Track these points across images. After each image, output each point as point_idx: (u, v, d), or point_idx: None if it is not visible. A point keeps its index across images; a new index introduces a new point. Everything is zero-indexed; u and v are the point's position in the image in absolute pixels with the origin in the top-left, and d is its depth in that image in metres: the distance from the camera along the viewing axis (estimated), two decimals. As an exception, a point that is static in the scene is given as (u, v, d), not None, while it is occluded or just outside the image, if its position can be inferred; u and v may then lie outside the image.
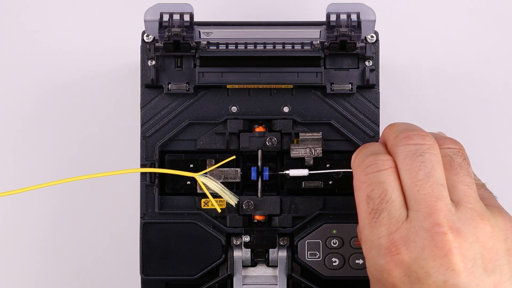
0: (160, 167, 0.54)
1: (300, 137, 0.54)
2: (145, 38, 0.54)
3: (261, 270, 0.55)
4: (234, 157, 0.54)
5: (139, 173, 0.55)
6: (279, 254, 0.54)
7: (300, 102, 0.55)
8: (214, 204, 0.54)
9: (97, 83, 0.62)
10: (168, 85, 0.54)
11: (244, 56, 0.53)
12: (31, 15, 0.63)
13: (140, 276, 0.54)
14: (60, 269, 0.62)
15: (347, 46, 0.53)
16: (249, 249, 0.54)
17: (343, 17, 0.53)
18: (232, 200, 0.53)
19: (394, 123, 0.49)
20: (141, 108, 0.55)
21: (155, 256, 0.54)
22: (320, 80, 0.54)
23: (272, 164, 0.55)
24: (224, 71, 0.53)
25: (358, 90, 0.55)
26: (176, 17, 0.53)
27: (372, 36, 0.54)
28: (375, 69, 0.54)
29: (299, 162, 0.54)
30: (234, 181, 0.54)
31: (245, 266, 0.55)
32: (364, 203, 0.47)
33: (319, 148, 0.54)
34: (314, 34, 0.54)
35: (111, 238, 0.62)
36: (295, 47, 0.54)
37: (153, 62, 0.54)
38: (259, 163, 0.54)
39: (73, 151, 0.62)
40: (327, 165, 0.54)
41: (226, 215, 0.54)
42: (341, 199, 0.54)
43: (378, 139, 0.53)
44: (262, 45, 0.54)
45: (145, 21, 0.53)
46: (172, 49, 0.53)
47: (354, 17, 0.53)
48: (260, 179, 0.54)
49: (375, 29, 0.54)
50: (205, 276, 0.54)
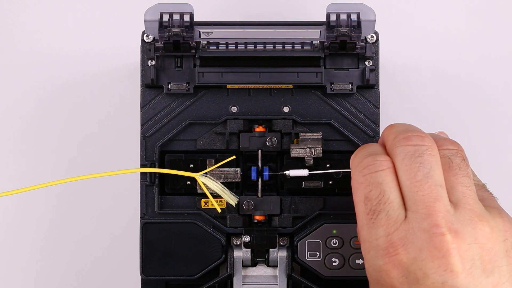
0: (160, 167, 0.54)
1: (300, 137, 0.54)
2: (145, 38, 0.54)
3: (261, 270, 0.55)
4: (234, 157, 0.54)
5: (139, 173, 0.54)
6: (279, 254, 0.54)
7: (300, 102, 0.55)
8: (214, 204, 0.54)
9: (97, 83, 0.62)
10: (168, 85, 0.54)
11: (244, 56, 0.53)
12: (31, 15, 0.63)
13: (140, 276, 0.54)
14: (60, 269, 0.62)
15: (347, 46, 0.53)
16: (249, 249, 0.54)
17: (343, 17, 0.53)
18: (232, 200, 0.53)
19: (393, 124, 0.49)
20: (141, 108, 0.55)
21: (155, 256, 0.54)
22: (320, 80, 0.54)
23: (272, 164, 0.55)
24: (224, 71, 0.53)
25: (358, 90, 0.55)
26: (176, 17, 0.53)
27: (372, 36, 0.54)
28: (375, 69, 0.54)
29: (299, 162, 0.54)
30: (234, 181, 0.54)
31: (245, 266, 0.55)
32: (362, 204, 0.47)
33: (319, 148, 0.54)
34: (314, 34, 0.54)
35: (111, 238, 0.62)
36: (295, 47, 0.54)
37: (153, 62, 0.54)
38: (259, 163, 0.54)
39: (73, 151, 0.62)
40: (327, 165, 0.54)
41: (226, 215, 0.54)
42: (341, 199, 0.54)
43: (378, 140, 0.53)
44: (262, 45, 0.54)
45: (145, 21, 0.53)
46: (172, 49, 0.53)
47: (354, 17, 0.53)
48: (260, 179, 0.54)
49: (375, 29, 0.54)
50: (205, 276, 0.54)
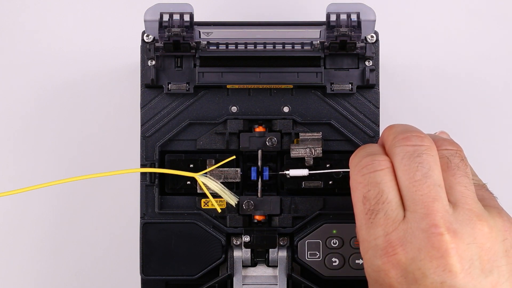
0: (160, 167, 0.54)
1: (300, 137, 0.54)
2: (145, 38, 0.54)
3: (261, 270, 0.55)
4: (234, 157, 0.54)
5: (139, 173, 0.54)
6: (279, 254, 0.54)
7: (300, 102, 0.55)
8: (214, 204, 0.54)
9: (97, 83, 0.62)
10: (168, 85, 0.54)
11: (244, 56, 0.53)
12: (31, 15, 0.63)
13: (140, 276, 0.54)
14: (60, 269, 0.62)
15: (347, 46, 0.53)
16: (249, 249, 0.54)
17: (343, 17, 0.53)
18: (232, 200, 0.53)
19: (393, 125, 0.49)
20: (141, 108, 0.55)
21: (155, 256, 0.54)
22: (320, 80, 0.54)
23: (272, 164, 0.55)
24: (224, 71, 0.53)
25: (358, 90, 0.55)
26: (176, 17, 0.53)
27: (372, 36, 0.54)
28: (375, 69, 0.54)
29: (299, 162, 0.54)
30: (234, 181, 0.54)
31: (245, 266, 0.55)
32: (361, 204, 0.47)
33: (319, 148, 0.54)
34: (314, 34, 0.54)
35: (111, 238, 0.62)
36: (295, 47, 0.54)
37: (153, 62, 0.54)
38: (259, 163, 0.54)
39: (73, 151, 0.62)
40: (327, 165, 0.54)
41: (226, 215, 0.54)
42: (341, 199, 0.54)
43: (378, 139, 0.53)
44: (262, 45, 0.54)
45: (145, 21, 0.53)
46: (172, 49, 0.53)
47: (354, 17, 0.53)
48: (260, 179, 0.54)
49: (375, 29, 0.54)
50: (205, 276, 0.54)
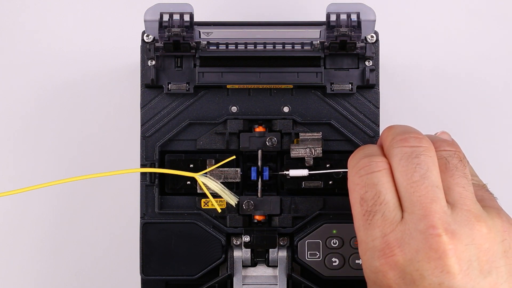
0: (160, 167, 0.54)
1: (300, 137, 0.54)
2: (145, 38, 0.54)
3: (261, 270, 0.55)
4: (234, 157, 0.54)
5: (139, 173, 0.54)
6: (279, 254, 0.54)
7: (300, 102, 0.55)
8: (214, 204, 0.54)
9: (97, 83, 0.62)
10: (168, 85, 0.54)
11: (244, 56, 0.53)
12: (31, 15, 0.63)
13: (140, 276, 0.54)
14: (60, 269, 0.62)
15: (347, 46, 0.53)
16: (249, 249, 0.54)
17: (343, 17, 0.53)
18: (232, 200, 0.53)
19: (392, 126, 0.49)
20: (141, 108, 0.55)
21: (155, 256, 0.54)
22: (320, 80, 0.54)
23: (272, 164, 0.55)
24: (224, 71, 0.53)
25: (358, 90, 0.55)
26: (176, 17, 0.53)
27: (372, 36, 0.54)
28: (375, 69, 0.54)
29: (299, 162, 0.54)
30: (234, 181, 0.54)
31: (245, 266, 0.55)
32: (358, 205, 0.47)
33: (319, 148, 0.54)
34: (314, 34, 0.54)
35: (111, 238, 0.62)
36: (295, 47, 0.54)
37: (153, 62, 0.54)
38: (259, 163, 0.54)
39: (73, 151, 0.62)
40: (327, 165, 0.54)
41: (226, 215, 0.54)
42: (341, 199, 0.54)
43: (377, 140, 0.53)
44: (262, 45, 0.54)
45: (145, 21, 0.53)
46: (172, 49, 0.53)
47: (354, 17, 0.53)
48: (260, 179, 0.54)
49: (375, 29, 0.54)
50: (205, 276, 0.54)
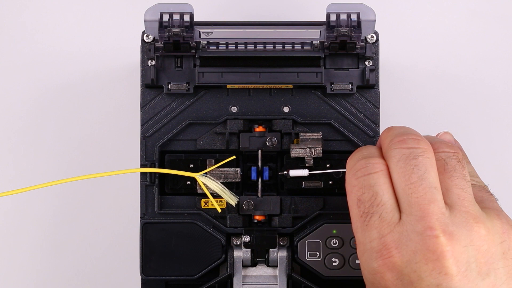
0: (160, 167, 0.54)
1: (300, 137, 0.54)
2: (145, 38, 0.54)
3: (261, 270, 0.55)
4: (234, 157, 0.54)
5: (139, 173, 0.54)
6: (279, 254, 0.54)
7: (300, 102, 0.55)
8: (214, 204, 0.54)
9: (97, 83, 0.62)
10: (168, 85, 0.54)
11: (244, 56, 0.53)
12: (31, 15, 0.63)
13: (140, 276, 0.54)
14: (60, 269, 0.62)
15: (347, 46, 0.53)
16: (249, 249, 0.54)
17: (343, 17, 0.53)
18: (232, 200, 0.53)
19: (391, 127, 0.49)
20: (141, 108, 0.55)
21: (155, 256, 0.54)
22: (320, 80, 0.54)
23: (272, 164, 0.55)
24: (224, 71, 0.53)
25: (358, 90, 0.55)
26: (176, 17, 0.53)
27: (372, 36, 0.54)
28: (375, 69, 0.54)
29: (299, 162, 0.54)
30: (234, 181, 0.54)
31: (245, 266, 0.55)
32: (355, 207, 0.47)
33: (319, 148, 0.54)
34: (314, 34, 0.54)
35: (111, 238, 0.62)
36: (295, 47, 0.54)
37: (153, 62, 0.54)
38: (259, 163, 0.54)
39: (73, 151, 0.62)
40: (327, 165, 0.54)
41: (226, 215, 0.54)
42: (341, 199, 0.54)
43: (377, 141, 0.53)
44: (262, 45, 0.54)
45: (145, 21, 0.53)
46: (172, 49, 0.53)
47: (354, 17, 0.53)
48: (260, 179, 0.54)
49: (375, 29, 0.54)
50: (205, 276, 0.54)
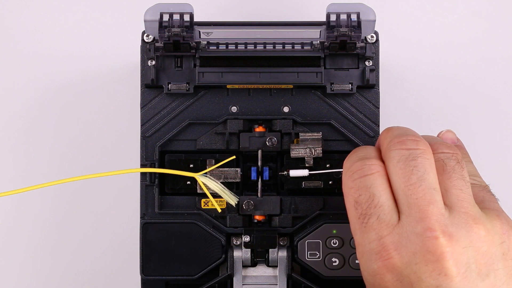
0: (160, 167, 0.54)
1: (300, 137, 0.54)
2: (145, 38, 0.54)
3: (261, 270, 0.55)
4: (234, 157, 0.54)
5: (139, 173, 0.54)
6: (279, 254, 0.54)
7: (300, 102, 0.55)
8: (214, 204, 0.54)
9: (97, 83, 0.62)
10: (168, 85, 0.54)
11: (244, 56, 0.53)
12: (31, 15, 0.63)
13: (140, 276, 0.54)
14: (60, 269, 0.62)
15: (347, 46, 0.53)
16: (249, 249, 0.54)
17: (343, 17, 0.53)
18: (232, 200, 0.53)
19: (390, 128, 0.49)
20: (141, 108, 0.55)
21: (155, 256, 0.54)
22: (320, 80, 0.54)
23: (272, 164, 0.55)
24: (224, 71, 0.53)
25: (358, 90, 0.55)
26: (176, 17, 0.53)
27: (372, 36, 0.54)
28: (375, 69, 0.54)
29: (299, 162, 0.54)
30: (234, 181, 0.54)
31: (245, 266, 0.55)
32: (353, 209, 0.47)
33: (319, 148, 0.54)
34: (314, 34, 0.54)
35: (111, 238, 0.62)
36: (295, 47, 0.54)
37: (153, 62, 0.54)
38: (259, 163, 0.54)
39: (73, 151, 0.62)
40: (327, 165, 0.54)
41: (226, 215, 0.54)
42: (341, 199, 0.53)
43: (376, 141, 0.53)
44: (262, 45, 0.54)
45: (145, 21, 0.53)
46: (172, 49, 0.53)
47: (354, 17, 0.53)
48: (260, 179, 0.54)
49: (375, 29, 0.54)
50: (205, 276, 0.54)
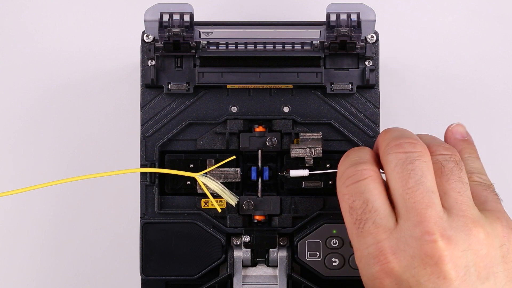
0: (160, 167, 0.54)
1: (300, 137, 0.54)
2: (145, 38, 0.54)
3: (261, 270, 0.55)
4: (234, 157, 0.54)
5: (139, 173, 0.55)
6: (279, 254, 0.54)
7: (300, 102, 0.55)
8: (214, 204, 0.54)
9: (97, 83, 0.62)
10: (168, 85, 0.54)
11: (244, 56, 0.53)
12: (31, 15, 0.63)
13: (140, 276, 0.54)
14: (60, 269, 0.62)
15: (347, 46, 0.53)
16: (249, 249, 0.54)
17: (343, 17, 0.53)
18: (232, 200, 0.53)
19: (388, 130, 0.49)
20: (141, 108, 0.55)
21: (155, 256, 0.54)
22: (320, 80, 0.54)
23: (272, 164, 0.55)
24: (224, 71, 0.53)
25: (358, 90, 0.55)
26: (176, 17, 0.53)
27: (372, 36, 0.54)
28: (375, 69, 0.54)
29: (299, 162, 0.54)
30: (234, 181, 0.54)
31: (245, 266, 0.55)
32: (348, 214, 0.47)
33: (319, 148, 0.54)
34: (314, 34, 0.54)
35: (111, 238, 0.62)
36: (295, 47, 0.54)
37: (153, 62, 0.54)
38: (259, 163, 0.54)
39: (73, 151, 0.62)
40: (327, 165, 0.54)
41: (226, 215, 0.54)
42: (341, 199, 0.54)
43: (375, 142, 0.53)
44: (262, 45, 0.54)
45: (145, 21, 0.53)
46: (172, 49, 0.53)
47: (354, 17, 0.53)
48: (260, 179, 0.54)
49: (375, 29, 0.54)
50: (205, 276, 0.54)
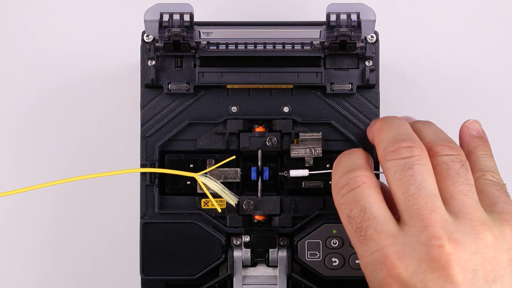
0: (160, 167, 0.54)
1: (300, 137, 0.54)
2: (145, 38, 0.54)
3: (261, 270, 0.55)
4: (234, 157, 0.54)
5: (139, 173, 0.54)
6: (279, 254, 0.54)
7: (300, 102, 0.55)
8: (214, 204, 0.54)
9: (97, 83, 0.62)
10: (168, 85, 0.54)
11: (244, 56, 0.53)
12: (31, 15, 0.63)
13: (140, 276, 0.54)
14: (60, 269, 0.62)
15: (347, 46, 0.53)
16: (249, 249, 0.54)
17: (343, 17, 0.53)
18: (232, 200, 0.53)
19: (384, 124, 0.49)
20: (141, 108, 0.55)
21: (155, 256, 0.54)
22: (320, 80, 0.54)
23: (272, 164, 0.55)
24: (224, 71, 0.53)
25: (358, 90, 0.55)
26: (176, 17, 0.53)
27: (372, 36, 0.54)
28: (375, 69, 0.54)
29: (299, 162, 0.54)
30: (234, 181, 0.54)
31: (245, 266, 0.55)
32: (347, 223, 0.47)
33: (319, 148, 0.54)
34: (314, 34, 0.54)
35: (111, 238, 0.62)
36: (295, 47, 0.54)
37: (153, 62, 0.54)
38: (259, 163, 0.54)
39: (73, 151, 0.62)
40: (327, 165, 0.54)
41: (226, 215, 0.54)
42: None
43: (368, 131, 0.53)
44: (262, 45, 0.54)
45: (145, 21, 0.53)
46: (172, 49, 0.53)
47: (354, 17, 0.53)
48: (260, 179, 0.54)
49: (375, 29, 0.54)
50: (205, 276, 0.54)
